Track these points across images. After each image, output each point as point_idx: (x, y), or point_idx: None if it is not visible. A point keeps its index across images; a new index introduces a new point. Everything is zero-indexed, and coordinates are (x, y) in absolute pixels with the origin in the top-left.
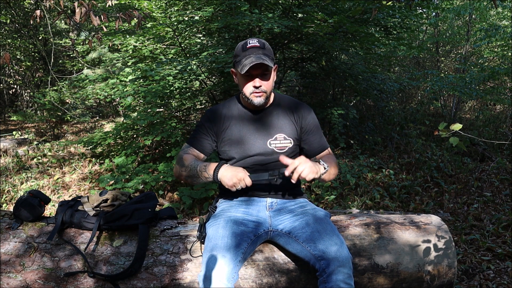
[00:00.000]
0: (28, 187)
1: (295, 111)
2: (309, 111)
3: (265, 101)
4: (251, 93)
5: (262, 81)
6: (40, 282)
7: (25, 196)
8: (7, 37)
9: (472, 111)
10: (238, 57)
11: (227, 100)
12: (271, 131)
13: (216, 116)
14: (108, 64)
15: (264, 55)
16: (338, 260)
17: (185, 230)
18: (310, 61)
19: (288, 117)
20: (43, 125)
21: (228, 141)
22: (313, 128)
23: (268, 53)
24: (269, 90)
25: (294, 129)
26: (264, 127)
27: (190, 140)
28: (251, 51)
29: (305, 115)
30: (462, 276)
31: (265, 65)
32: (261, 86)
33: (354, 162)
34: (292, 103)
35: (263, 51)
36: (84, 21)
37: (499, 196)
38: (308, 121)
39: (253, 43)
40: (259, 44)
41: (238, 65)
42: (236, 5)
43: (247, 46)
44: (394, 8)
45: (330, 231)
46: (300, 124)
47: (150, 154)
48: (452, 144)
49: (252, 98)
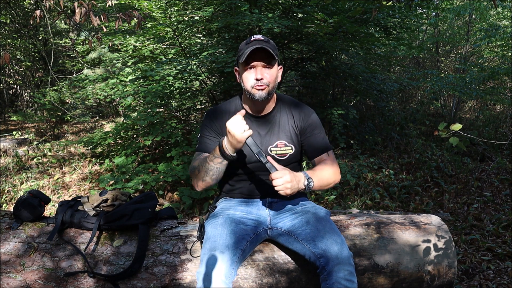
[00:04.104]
0: (28, 187)
1: (296, 115)
2: (309, 114)
3: (267, 96)
4: (253, 86)
5: (264, 73)
6: (40, 282)
7: (25, 196)
8: (7, 37)
9: (472, 111)
10: (240, 51)
11: (228, 100)
12: (272, 138)
13: (218, 116)
14: (108, 64)
15: (267, 46)
16: (339, 258)
17: (185, 230)
18: (310, 61)
19: (289, 122)
20: (43, 125)
21: None
22: (313, 130)
23: (272, 47)
24: (272, 84)
25: (294, 135)
26: (265, 133)
27: (198, 147)
28: (254, 42)
29: (305, 117)
30: (462, 276)
31: (268, 54)
32: (262, 79)
33: (354, 162)
34: (293, 105)
35: (266, 44)
36: (84, 21)
37: (499, 196)
38: (307, 123)
39: (257, 37)
40: (263, 38)
41: (240, 57)
42: (236, 5)
43: (251, 39)
44: (394, 8)
45: (330, 229)
46: (300, 127)
47: (150, 154)
48: (452, 144)
49: (253, 92)
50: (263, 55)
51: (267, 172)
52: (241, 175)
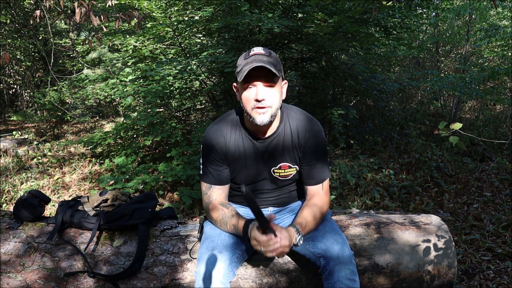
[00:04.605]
0: (28, 187)
1: (301, 135)
2: (315, 135)
3: (270, 119)
4: (253, 108)
5: (266, 92)
6: (40, 282)
7: (25, 196)
8: (7, 37)
9: (472, 111)
10: (239, 66)
11: (224, 117)
12: (276, 160)
13: (215, 142)
14: (108, 64)
15: (269, 62)
16: (340, 257)
17: (185, 230)
18: (310, 61)
19: (293, 142)
20: (43, 125)
21: (231, 168)
22: (313, 157)
23: (274, 61)
24: (275, 106)
25: (297, 156)
26: (268, 155)
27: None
28: (253, 58)
29: (309, 140)
30: (462, 276)
31: (269, 72)
32: (264, 100)
33: (354, 162)
34: (300, 122)
35: (268, 59)
36: (84, 21)
37: (499, 196)
38: (310, 149)
39: (257, 51)
40: (264, 52)
41: (238, 75)
42: (236, 5)
43: (250, 54)
44: (394, 8)
45: (331, 229)
46: (303, 149)
47: (150, 154)
48: (452, 144)
49: (254, 115)
50: (264, 73)
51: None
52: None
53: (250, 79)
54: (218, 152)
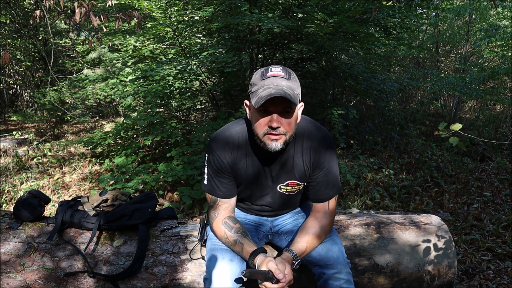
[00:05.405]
0: (28, 187)
1: (313, 149)
2: (325, 150)
3: (283, 147)
4: (265, 134)
5: (282, 120)
6: (40, 282)
7: (25, 196)
8: (7, 37)
9: (472, 111)
10: (254, 86)
11: (232, 126)
12: (284, 177)
13: (221, 152)
14: (108, 64)
15: (288, 88)
16: (335, 266)
17: (185, 230)
18: (310, 61)
19: (304, 158)
20: (43, 125)
21: (237, 181)
22: (320, 174)
23: (293, 85)
24: (289, 134)
25: (307, 171)
26: (276, 172)
27: (211, 192)
28: (271, 80)
29: (319, 156)
30: (462, 276)
31: (288, 101)
32: (279, 128)
33: (354, 162)
34: (309, 135)
35: (287, 83)
36: (84, 21)
37: (499, 196)
38: (319, 166)
39: (276, 71)
40: (283, 74)
41: (253, 97)
42: (236, 5)
43: (268, 74)
44: (394, 8)
45: (326, 236)
46: (311, 165)
47: (150, 154)
48: (452, 144)
49: (266, 141)
50: (281, 99)
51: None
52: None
53: (266, 103)
54: (225, 167)
